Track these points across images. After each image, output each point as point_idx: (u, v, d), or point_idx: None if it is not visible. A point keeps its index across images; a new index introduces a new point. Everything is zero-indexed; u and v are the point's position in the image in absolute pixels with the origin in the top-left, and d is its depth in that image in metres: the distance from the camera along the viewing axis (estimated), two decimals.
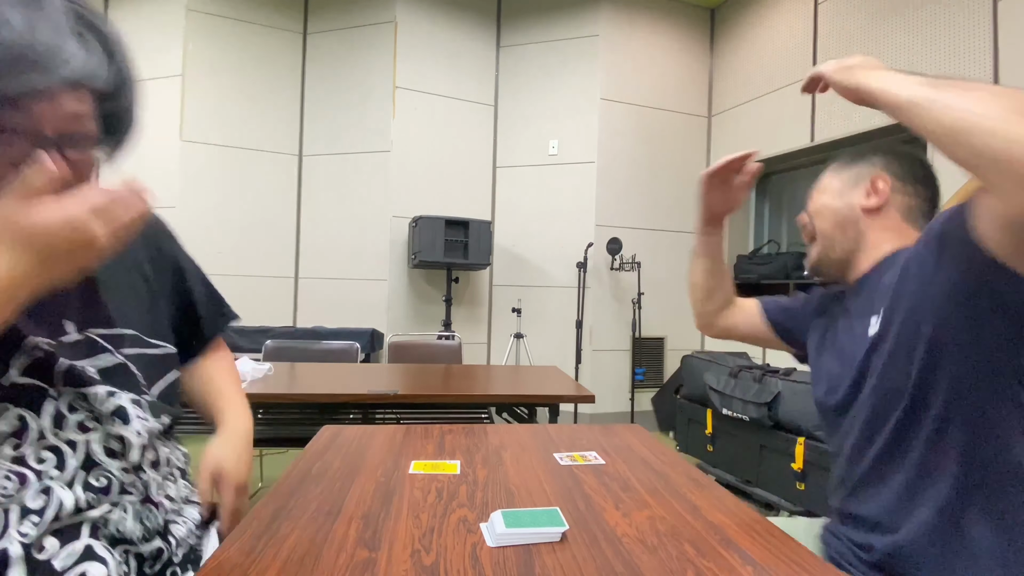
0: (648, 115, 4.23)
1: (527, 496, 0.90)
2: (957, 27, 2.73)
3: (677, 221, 4.30)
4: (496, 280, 4.28)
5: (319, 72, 4.18)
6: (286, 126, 4.15)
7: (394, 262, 4.00)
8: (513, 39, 4.29)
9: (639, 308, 4.09)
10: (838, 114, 3.35)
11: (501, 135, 4.30)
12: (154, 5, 3.91)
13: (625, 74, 4.16)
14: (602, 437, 1.29)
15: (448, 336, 3.75)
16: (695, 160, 4.38)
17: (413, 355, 2.90)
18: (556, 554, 0.70)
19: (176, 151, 3.82)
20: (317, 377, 1.98)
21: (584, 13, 4.13)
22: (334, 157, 4.13)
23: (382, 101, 4.02)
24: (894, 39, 3.03)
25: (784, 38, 3.78)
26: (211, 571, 0.64)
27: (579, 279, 3.95)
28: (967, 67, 2.67)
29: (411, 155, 4.05)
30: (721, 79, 4.34)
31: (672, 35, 4.31)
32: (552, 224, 4.16)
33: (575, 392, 1.81)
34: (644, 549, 0.73)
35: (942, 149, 0.69)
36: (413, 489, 0.92)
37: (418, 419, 2.29)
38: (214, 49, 3.93)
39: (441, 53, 4.14)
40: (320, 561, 0.67)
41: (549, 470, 1.04)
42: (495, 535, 0.73)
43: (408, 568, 0.66)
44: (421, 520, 0.79)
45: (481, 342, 4.27)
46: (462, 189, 4.20)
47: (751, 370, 3.06)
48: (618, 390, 4.14)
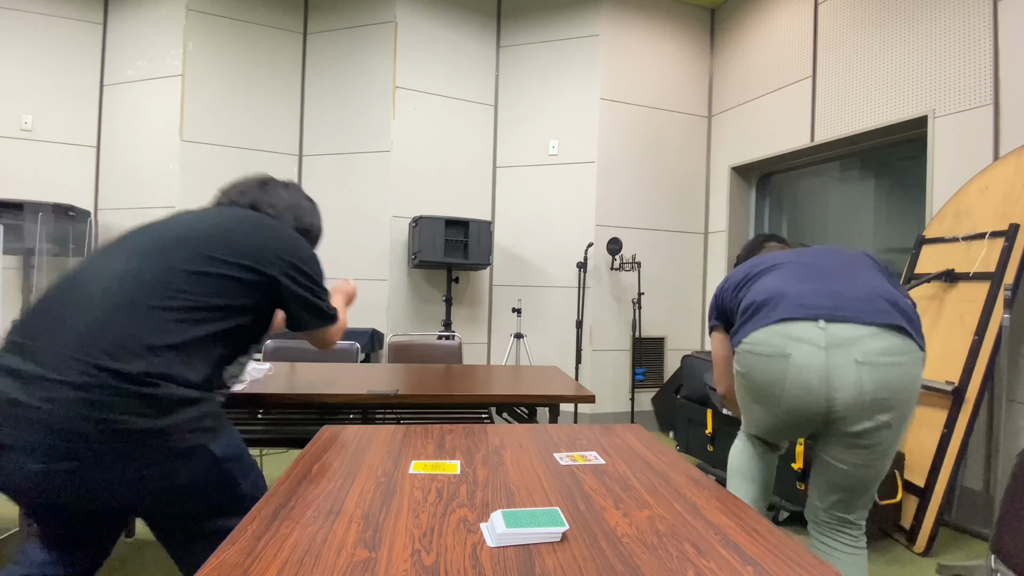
0: (648, 115, 4.23)
1: (527, 496, 0.90)
2: (957, 27, 2.73)
3: (677, 221, 4.30)
4: (496, 280, 4.28)
5: (319, 72, 4.18)
6: (286, 126, 4.15)
7: (394, 262, 4.00)
8: (513, 39, 4.29)
9: (639, 308, 4.09)
10: (838, 114, 3.35)
11: (501, 135, 4.30)
12: (154, 5, 3.91)
13: (625, 74, 4.16)
14: (602, 437, 1.29)
15: (448, 336, 3.75)
16: (695, 160, 4.38)
17: (413, 355, 2.90)
18: (556, 554, 0.70)
19: (176, 151, 3.82)
20: (317, 377, 1.98)
21: (584, 13, 4.13)
22: (334, 157, 4.13)
23: (382, 101, 4.02)
24: (894, 39, 3.03)
25: (784, 38, 3.78)
26: (211, 571, 0.64)
27: (579, 279, 3.95)
28: (967, 67, 2.67)
29: (411, 155, 4.05)
30: (721, 79, 4.34)
31: (672, 35, 4.31)
32: (552, 224, 4.16)
33: (575, 392, 1.81)
34: (644, 549, 0.73)
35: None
36: (413, 489, 0.92)
37: (418, 419, 2.29)
38: (214, 49, 3.93)
39: (441, 53, 4.14)
40: (320, 561, 0.67)
41: (549, 470, 1.04)
42: (495, 535, 0.73)
43: (408, 568, 0.66)
44: (421, 520, 0.79)
45: (481, 342, 4.27)
46: (462, 189, 4.20)
47: None
48: (618, 390, 4.14)
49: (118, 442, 0.96)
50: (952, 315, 2.46)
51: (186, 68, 3.83)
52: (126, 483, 0.99)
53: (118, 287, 1.07)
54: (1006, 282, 2.28)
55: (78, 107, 3.96)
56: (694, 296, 4.33)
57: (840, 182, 3.63)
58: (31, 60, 3.87)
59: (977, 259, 2.43)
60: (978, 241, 2.44)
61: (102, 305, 1.04)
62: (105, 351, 0.99)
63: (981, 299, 2.35)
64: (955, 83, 2.73)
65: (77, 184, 3.96)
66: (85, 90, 3.98)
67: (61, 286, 1.10)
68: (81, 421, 0.94)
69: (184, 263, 1.12)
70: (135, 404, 0.97)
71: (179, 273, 1.11)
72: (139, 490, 1.00)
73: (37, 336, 1.01)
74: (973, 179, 2.56)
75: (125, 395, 0.97)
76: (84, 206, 3.95)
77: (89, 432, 0.94)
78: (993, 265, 2.34)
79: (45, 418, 0.93)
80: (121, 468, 0.97)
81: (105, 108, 4.01)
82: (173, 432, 1.01)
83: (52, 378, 0.95)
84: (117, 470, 0.97)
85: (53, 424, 0.93)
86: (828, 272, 1.38)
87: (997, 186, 2.44)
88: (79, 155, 3.97)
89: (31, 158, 3.86)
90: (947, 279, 2.51)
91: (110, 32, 4.02)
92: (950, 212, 2.62)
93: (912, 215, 3.14)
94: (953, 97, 2.73)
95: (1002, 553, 1.49)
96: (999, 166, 2.47)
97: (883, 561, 2.20)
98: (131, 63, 3.95)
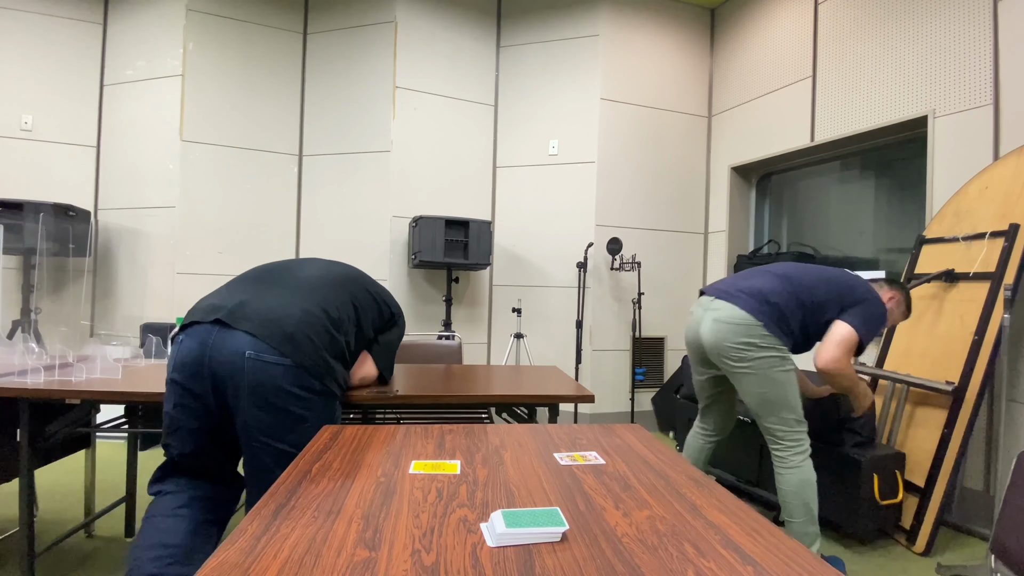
0: (648, 115, 4.23)
1: (527, 496, 0.90)
2: (957, 27, 2.73)
3: (677, 221, 4.30)
4: (496, 280, 4.28)
5: (319, 72, 4.18)
6: (286, 126, 4.15)
7: (394, 262, 4.00)
8: (513, 39, 4.29)
9: (639, 308, 4.09)
10: (838, 114, 3.35)
11: (501, 135, 4.30)
12: (154, 5, 3.91)
13: (625, 74, 4.16)
14: (602, 437, 1.29)
15: (448, 336, 3.75)
16: (695, 160, 4.38)
17: (413, 355, 2.90)
18: (556, 554, 0.70)
19: (176, 151, 3.82)
20: None
21: (584, 13, 4.13)
22: (334, 157, 4.13)
23: (382, 101, 4.02)
24: (894, 39, 3.03)
25: (784, 38, 3.78)
26: (211, 571, 0.64)
27: (579, 279, 3.95)
28: (967, 67, 2.67)
29: (411, 155, 4.05)
30: (721, 79, 4.34)
31: (672, 35, 4.31)
32: (552, 224, 4.16)
33: (575, 392, 1.81)
34: (644, 549, 0.73)
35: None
36: (413, 489, 0.92)
37: (418, 419, 2.29)
38: (214, 49, 3.93)
39: (441, 53, 4.14)
40: (320, 561, 0.67)
41: (549, 470, 1.04)
42: (495, 535, 0.73)
43: (408, 568, 0.66)
44: (421, 520, 0.79)
45: (481, 342, 4.27)
46: (462, 189, 4.20)
47: None
48: (618, 390, 4.14)
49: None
50: (952, 315, 2.46)
51: (186, 68, 3.83)
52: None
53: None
54: (1006, 282, 2.28)
55: (78, 107, 3.96)
56: (694, 296, 4.33)
57: (840, 182, 3.63)
58: (31, 60, 3.87)
59: (977, 259, 2.43)
60: (978, 241, 2.44)
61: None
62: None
63: (981, 299, 2.35)
64: (955, 83, 2.73)
65: (77, 184, 3.96)
66: (85, 90, 3.98)
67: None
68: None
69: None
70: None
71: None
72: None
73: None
74: (973, 179, 2.56)
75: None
76: (84, 206, 3.95)
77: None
78: (993, 265, 2.34)
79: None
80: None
81: (105, 108, 4.01)
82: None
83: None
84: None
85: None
86: (747, 275, 2.09)
87: (997, 186, 2.44)
88: (79, 155, 3.97)
89: (31, 158, 3.86)
90: (947, 279, 2.51)
91: (110, 32, 4.02)
92: (950, 212, 2.62)
93: (912, 215, 3.14)
94: (953, 97, 2.73)
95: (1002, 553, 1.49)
96: (999, 166, 2.47)
97: (883, 561, 2.20)
98: (131, 63, 3.95)
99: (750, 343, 1.92)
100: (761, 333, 1.91)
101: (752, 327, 1.92)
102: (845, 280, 2.02)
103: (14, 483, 2.70)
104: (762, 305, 1.94)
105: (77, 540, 2.19)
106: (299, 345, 1.38)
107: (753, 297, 1.96)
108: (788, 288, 1.98)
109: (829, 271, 2.06)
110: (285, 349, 1.35)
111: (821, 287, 1.99)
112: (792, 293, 1.97)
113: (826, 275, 2.03)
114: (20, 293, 3.76)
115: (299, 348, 1.37)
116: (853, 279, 2.04)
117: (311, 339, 1.41)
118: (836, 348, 1.91)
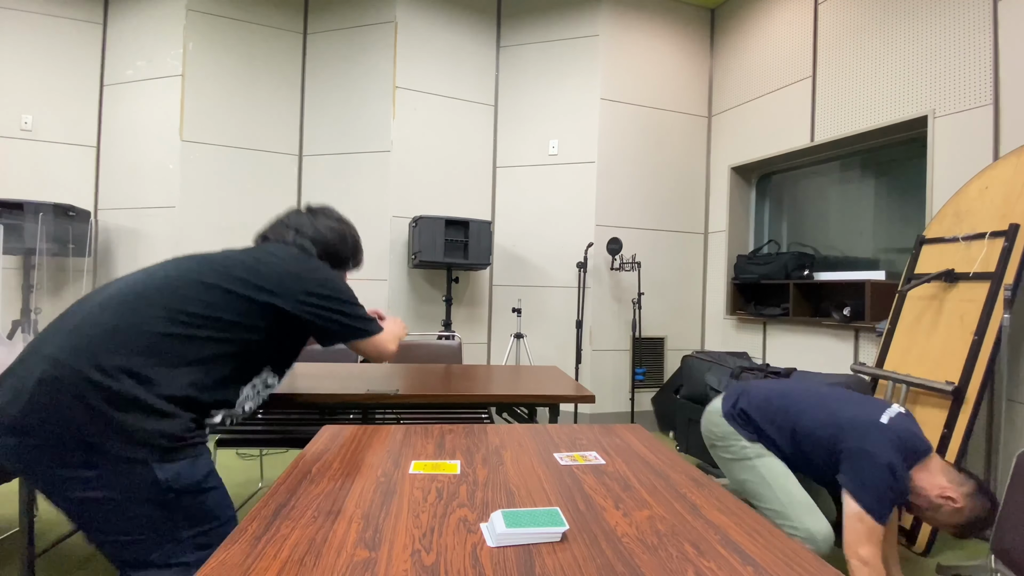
0: (648, 115, 4.23)
1: (527, 496, 0.90)
2: (957, 27, 2.73)
3: (677, 221, 4.30)
4: (496, 280, 4.28)
5: (319, 72, 4.18)
6: (286, 126, 4.15)
7: (394, 262, 4.00)
8: (513, 39, 4.29)
9: (639, 308, 4.09)
10: (838, 114, 3.35)
11: (501, 135, 4.30)
12: (154, 5, 3.91)
13: (625, 74, 4.16)
14: (602, 437, 1.29)
15: (448, 336, 3.75)
16: (695, 160, 4.38)
17: (413, 355, 2.90)
18: (556, 554, 0.70)
19: (176, 151, 3.82)
20: (317, 377, 1.98)
21: (584, 13, 4.13)
22: (334, 157, 4.13)
23: (382, 101, 4.02)
24: (894, 39, 3.03)
25: (784, 38, 3.78)
26: (211, 571, 0.64)
27: (579, 279, 3.95)
28: (967, 67, 2.67)
29: (411, 155, 4.05)
30: (721, 79, 4.34)
31: (672, 35, 4.31)
32: (552, 224, 4.16)
33: (575, 392, 1.81)
34: (644, 549, 0.73)
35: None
36: (413, 489, 0.92)
37: (418, 419, 2.29)
38: (214, 49, 3.93)
39: (441, 53, 4.14)
40: (320, 561, 0.67)
41: (549, 470, 1.04)
42: (495, 535, 0.73)
43: (408, 568, 0.66)
44: (421, 520, 0.79)
45: (481, 342, 4.27)
46: (462, 189, 4.20)
47: (752, 371, 3.07)
48: (618, 390, 4.14)
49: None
50: (952, 315, 2.46)
51: (186, 68, 3.83)
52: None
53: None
54: (1006, 282, 2.28)
55: (78, 107, 3.96)
56: (694, 296, 4.33)
57: (840, 182, 3.63)
58: (31, 60, 3.87)
59: (977, 259, 2.43)
60: (978, 241, 2.44)
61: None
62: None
63: (981, 299, 2.35)
64: (955, 83, 2.73)
65: (77, 184, 3.96)
66: (85, 90, 3.98)
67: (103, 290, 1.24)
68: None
69: (206, 277, 1.21)
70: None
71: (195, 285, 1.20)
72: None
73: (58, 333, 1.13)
74: (973, 179, 2.56)
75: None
76: (84, 206, 3.95)
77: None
78: (993, 265, 2.34)
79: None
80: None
81: (105, 108, 4.01)
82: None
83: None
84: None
85: None
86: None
87: (997, 186, 2.44)
88: (79, 155, 3.97)
89: (31, 158, 3.86)
90: (947, 279, 2.51)
91: (110, 32, 4.02)
92: (950, 212, 2.62)
93: (912, 215, 3.14)
94: (953, 97, 2.73)
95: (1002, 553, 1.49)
96: (999, 166, 2.47)
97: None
98: (131, 63, 3.95)
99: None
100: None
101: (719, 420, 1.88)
102: (842, 412, 1.63)
103: (14, 483, 2.69)
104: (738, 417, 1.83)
105: (77, 540, 2.19)
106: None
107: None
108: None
109: (830, 399, 1.69)
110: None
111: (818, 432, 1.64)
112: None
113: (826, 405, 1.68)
114: (20, 293, 3.76)
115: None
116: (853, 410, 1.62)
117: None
118: (853, 537, 1.51)
